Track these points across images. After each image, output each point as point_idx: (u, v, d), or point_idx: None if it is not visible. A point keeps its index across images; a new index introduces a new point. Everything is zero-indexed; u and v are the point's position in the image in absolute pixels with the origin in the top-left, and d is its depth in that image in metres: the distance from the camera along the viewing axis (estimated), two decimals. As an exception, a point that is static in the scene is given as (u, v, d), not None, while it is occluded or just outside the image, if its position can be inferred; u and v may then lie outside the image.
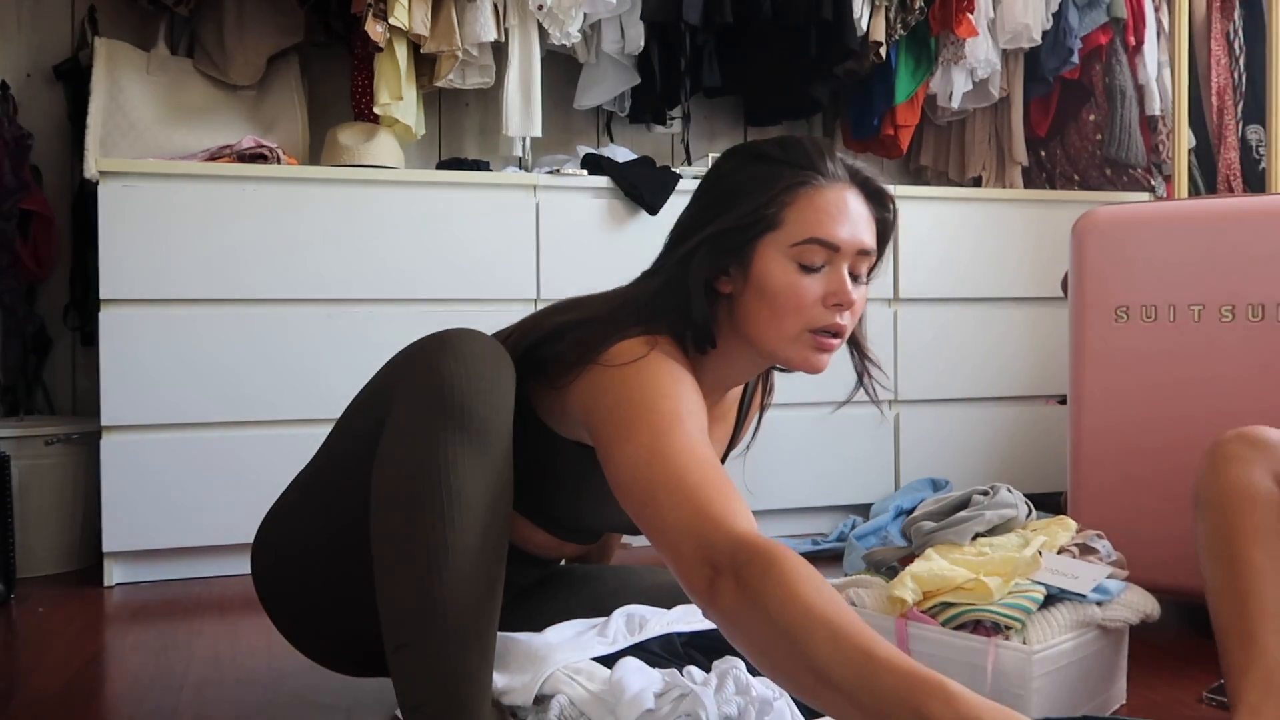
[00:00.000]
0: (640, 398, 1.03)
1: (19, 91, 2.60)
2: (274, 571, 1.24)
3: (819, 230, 1.11)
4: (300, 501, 1.23)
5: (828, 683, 0.81)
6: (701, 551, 0.90)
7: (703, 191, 1.19)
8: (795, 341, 1.14)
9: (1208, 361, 1.78)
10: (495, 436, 1.01)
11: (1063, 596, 1.33)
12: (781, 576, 0.85)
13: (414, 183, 2.40)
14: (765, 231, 1.12)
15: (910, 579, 1.34)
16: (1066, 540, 1.44)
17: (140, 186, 2.20)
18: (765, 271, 1.12)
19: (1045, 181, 3.28)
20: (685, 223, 1.19)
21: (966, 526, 1.43)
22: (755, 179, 1.13)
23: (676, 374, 1.07)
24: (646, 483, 0.97)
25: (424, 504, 0.98)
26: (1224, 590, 1.23)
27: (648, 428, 1.00)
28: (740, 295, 1.15)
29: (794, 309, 1.12)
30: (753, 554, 0.87)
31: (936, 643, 1.31)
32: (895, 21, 2.80)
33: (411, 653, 0.99)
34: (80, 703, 1.52)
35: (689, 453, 0.98)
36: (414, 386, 1.02)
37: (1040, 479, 2.79)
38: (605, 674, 1.09)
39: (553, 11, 2.55)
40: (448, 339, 1.05)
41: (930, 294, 2.76)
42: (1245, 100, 3.09)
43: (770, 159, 1.14)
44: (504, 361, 1.05)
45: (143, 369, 2.19)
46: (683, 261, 1.14)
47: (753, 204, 1.11)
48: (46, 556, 2.31)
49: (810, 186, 1.12)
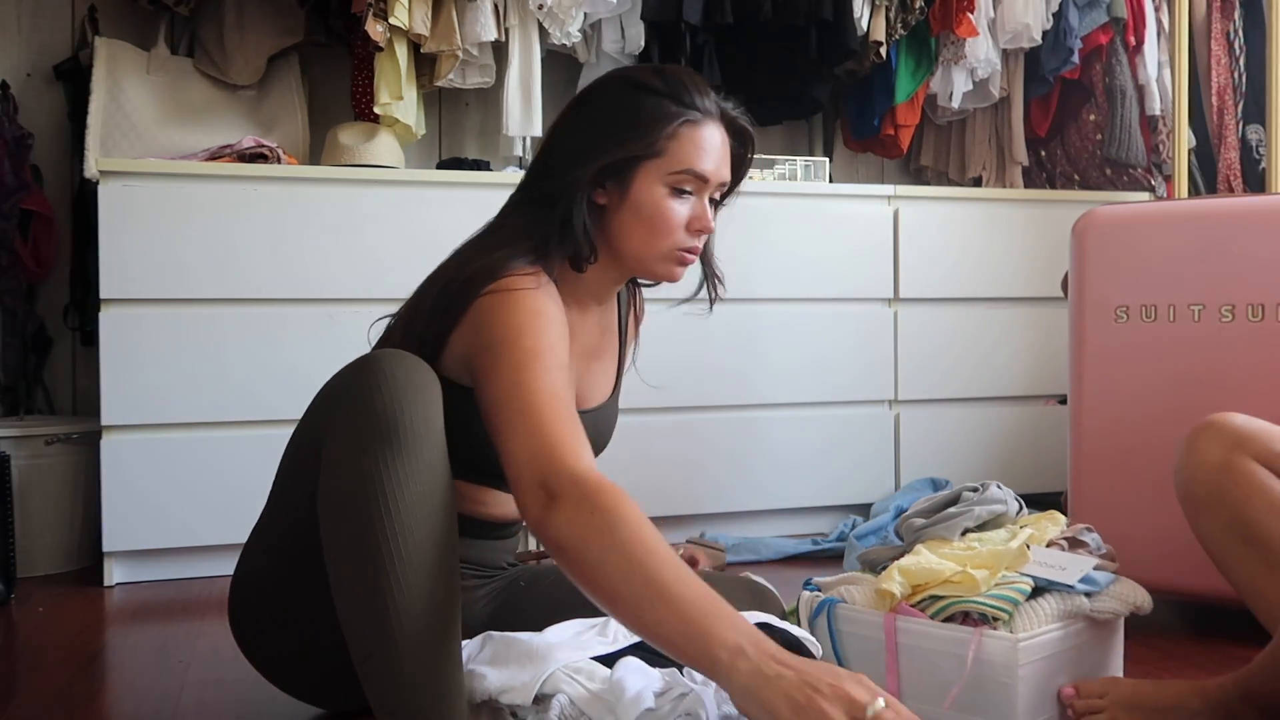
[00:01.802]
0: (505, 335, 1.13)
1: (19, 91, 2.60)
2: (251, 629, 1.29)
3: (694, 163, 1.24)
4: (261, 554, 1.26)
5: (665, 597, 0.92)
6: (541, 477, 1.01)
7: (586, 118, 1.28)
8: (663, 258, 1.28)
9: (1208, 361, 1.78)
10: (425, 440, 1.03)
11: (1051, 588, 1.34)
12: (633, 511, 0.97)
13: (414, 182, 2.40)
14: (647, 159, 1.23)
15: (898, 573, 1.34)
16: (1055, 534, 1.45)
17: (140, 186, 2.20)
18: (643, 194, 1.25)
19: (1045, 181, 3.28)
20: (569, 149, 1.26)
21: (956, 522, 1.44)
22: (644, 110, 1.23)
23: (542, 309, 1.16)
24: (503, 414, 1.08)
25: (365, 520, 1.00)
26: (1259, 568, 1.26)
27: (510, 364, 1.10)
28: (616, 210, 1.26)
29: (666, 231, 1.26)
30: (602, 487, 0.99)
31: (924, 635, 1.31)
32: (895, 21, 2.80)
33: (375, 662, 1.00)
34: (80, 703, 1.52)
35: (543, 387, 1.08)
36: (340, 415, 1.05)
37: (1040, 479, 2.79)
38: (605, 673, 1.09)
39: (553, 11, 2.55)
40: (363, 363, 1.07)
41: (930, 294, 2.76)
42: (1245, 100, 3.09)
43: (654, 91, 1.24)
44: (422, 368, 1.07)
45: (143, 369, 2.19)
46: (573, 187, 1.23)
47: (641, 134, 1.22)
48: (46, 556, 2.31)
49: (690, 123, 1.24)
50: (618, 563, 0.94)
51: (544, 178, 1.28)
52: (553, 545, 0.99)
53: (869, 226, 2.71)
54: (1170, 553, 1.68)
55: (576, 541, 0.97)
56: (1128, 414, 1.85)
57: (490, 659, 1.14)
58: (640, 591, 0.93)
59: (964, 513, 1.45)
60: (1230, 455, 1.30)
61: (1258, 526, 1.26)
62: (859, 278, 2.69)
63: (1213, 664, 1.63)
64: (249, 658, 1.31)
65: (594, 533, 0.96)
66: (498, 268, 1.19)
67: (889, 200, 2.74)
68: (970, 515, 1.45)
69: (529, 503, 1.01)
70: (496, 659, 1.13)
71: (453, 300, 1.19)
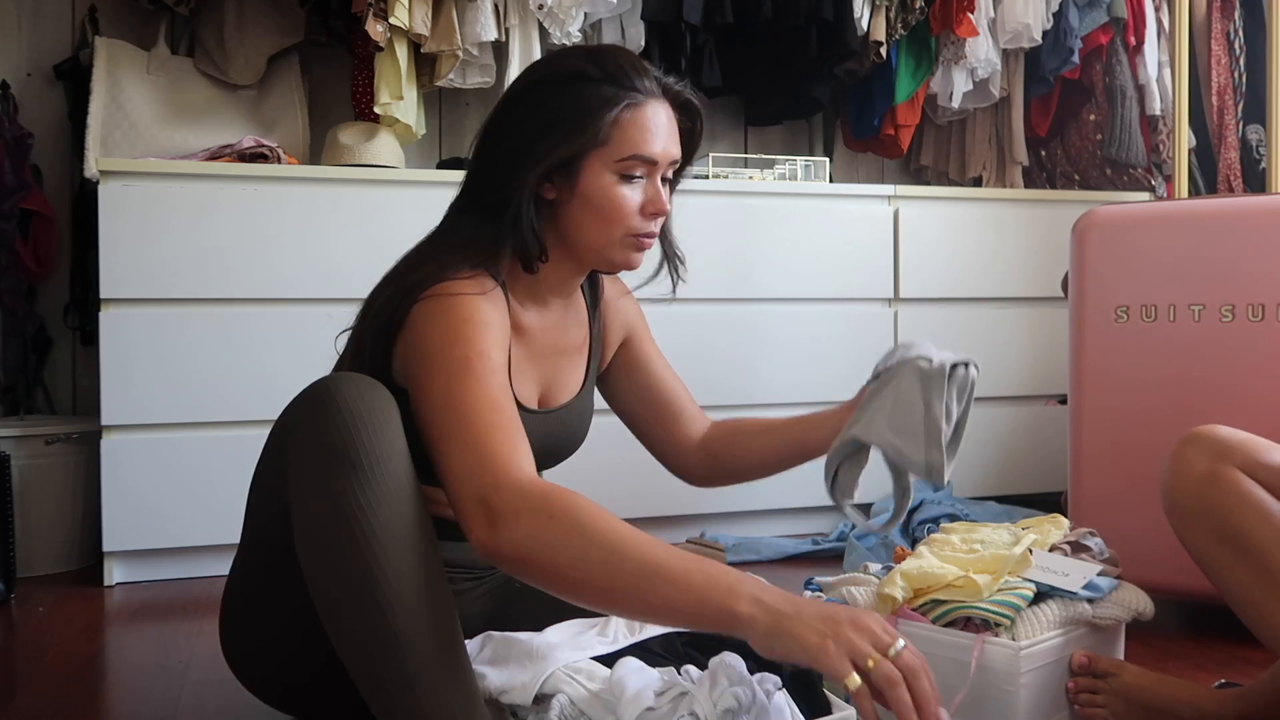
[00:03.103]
0: (436, 347, 1.10)
1: (19, 91, 2.60)
2: (246, 665, 1.29)
3: (641, 147, 1.21)
4: (244, 593, 1.25)
5: (662, 575, 0.92)
6: (480, 494, 0.99)
7: (522, 116, 1.22)
8: (618, 245, 1.25)
9: (1208, 361, 1.78)
10: (388, 460, 1.01)
11: (1053, 594, 1.33)
12: (587, 505, 0.97)
13: (414, 182, 2.40)
14: (592, 149, 1.20)
15: (900, 577, 1.34)
16: (1059, 538, 1.45)
17: (140, 186, 2.20)
18: (592, 184, 1.21)
19: (1046, 181, 3.28)
20: (509, 149, 1.22)
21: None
22: (582, 101, 1.19)
23: (472, 315, 1.13)
24: (438, 428, 1.05)
25: (346, 553, 0.98)
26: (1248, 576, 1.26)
27: (443, 376, 1.08)
28: (566, 203, 1.23)
29: (619, 218, 1.22)
30: (549, 491, 0.97)
31: (926, 640, 1.31)
32: (896, 21, 2.80)
33: (389, 690, 0.99)
34: (80, 703, 1.53)
35: (480, 398, 1.06)
36: (300, 450, 1.03)
37: (1040, 479, 2.79)
38: (605, 673, 1.09)
39: (553, 11, 2.55)
40: (314, 393, 1.05)
41: (930, 294, 2.76)
42: (1245, 100, 3.09)
43: (590, 79, 1.20)
44: (374, 388, 1.06)
45: (143, 369, 2.19)
46: (519, 190, 1.19)
47: (582, 125, 1.18)
48: (46, 556, 2.31)
49: (632, 106, 1.20)
50: (600, 558, 0.94)
51: (487, 183, 1.24)
52: (513, 561, 0.97)
53: (869, 226, 2.71)
54: (1170, 553, 1.67)
55: (544, 551, 0.95)
56: (1128, 414, 1.85)
57: (490, 659, 1.14)
58: (634, 578, 0.93)
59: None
60: (1216, 465, 1.30)
61: (1245, 536, 1.27)
62: (859, 277, 2.69)
63: (1213, 664, 1.63)
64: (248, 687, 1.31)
65: (560, 538, 0.95)
66: (435, 274, 1.17)
67: (889, 200, 2.74)
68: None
69: (472, 524, 0.99)
70: (496, 659, 1.13)
71: (394, 309, 1.17)
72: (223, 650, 1.29)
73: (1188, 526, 1.35)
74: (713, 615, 0.92)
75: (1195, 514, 1.33)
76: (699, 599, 0.92)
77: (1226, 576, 1.32)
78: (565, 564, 0.95)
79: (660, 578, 0.93)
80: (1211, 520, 1.30)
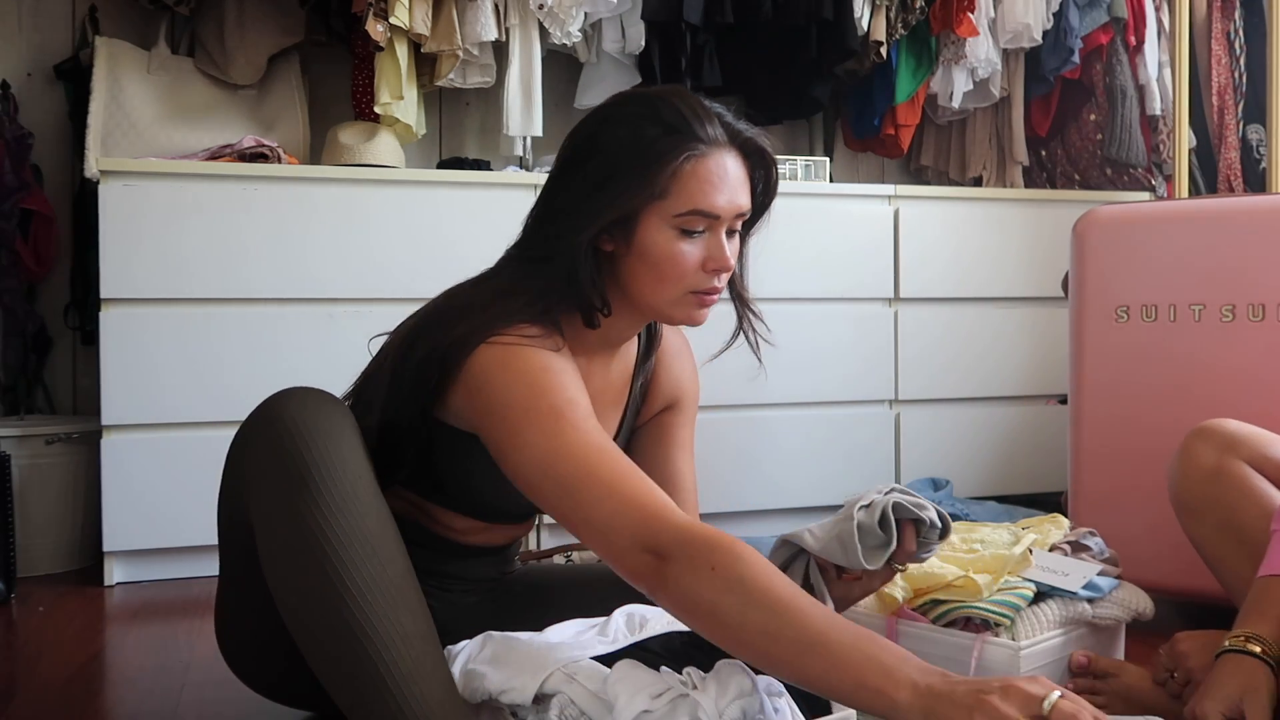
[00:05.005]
0: (517, 398, 1.08)
1: (19, 91, 2.60)
2: (239, 659, 1.30)
3: (701, 202, 1.14)
4: (230, 591, 1.26)
5: (820, 648, 0.91)
6: (641, 540, 0.99)
7: (579, 168, 1.18)
8: (678, 303, 1.20)
9: (1208, 361, 1.78)
10: (341, 473, 1.00)
11: (1053, 594, 1.33)
12: (754, 560, 0.96)
13: (415, 182, 2.40)
14: (650, 202, 1.14)
15: (900, 577, 1.34)
16: (1059, 538, 1.45)
17: (141, 186, 2.20)
18: (649, 240, 1.15)
19: (1046, 181, 3.28)
20: (564, 205, 1.18)
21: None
22: (639, 153, 1.13)
23: (549, 364, 1.10)
24: (558, 481, 1.04)
25: (304, 568, 0.98)
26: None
27: (537, 429, 1.06)
28: (624, 257, 1.18)
29: (676, 276, 1.17)
30: (712, 541, 0.96)
31: (926, 639, 1.31)
32: (896, 21, 2.80)
33: (362, 708, 0.98)
34: (80, 702, 1.52)
35: (589, 446, 1.05)
36: (253, 470, 1.04)
37: (1040, 479, 2.79)
38: (605, 673, 1.09)
39: (553, 11, 2.55)
40: (264, 413, 1.05)
41: (930, 294, 2.76)
42: (1246, 100, 3.09)
43: (649, 127, 1.14)
44: (326, 402, 1.05)
45: (143, 368, 2.19)
46: (576, 247, 1.15)
47: (639, 180, 1.13)
48: (46, 556, 2.31)
49: (692, 158, 1.14)
50: (759, 620, 0.93)
51: (543, 237, 1.20)
52: (680, 608, 0.98)
53: (869, 226, 2.71)
54: (1170, 552, 1.68)
55: (707, 604, 0.95)
56: (1128, 414, 1.85)
57: (490, 659, 1.14)
58: (792, 646, 0.92)
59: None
60: (1222, 459, 1.31)
61: (1250, 530, 1.27)
62: (859, 277, 2.69)
63: (1213, 664, 1.62)
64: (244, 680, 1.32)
65: (723, 592, 0.94)
66: (499, 322, 1.12)
67: (889, 200, 2.74)
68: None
69: (638, 570, 0.99)
70: (497, 659, 1.13)
71: (447, 354, 1.12)
72: (219, 644, 1.30)
73: (1193, 520, 1.35)
74: (868, 700, 0.90)
75: (1200, 508, 1.33)
76: (855, 680, 0.90)
77: (1231, 570, 1.32)
78: (726, 620, 0.94)
79: (817, 652, 0.91)
80: (1216, 514, 1.31)
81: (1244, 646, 1.13)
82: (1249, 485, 1.30)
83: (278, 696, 1.33)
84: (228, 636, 1.29)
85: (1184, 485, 1.36)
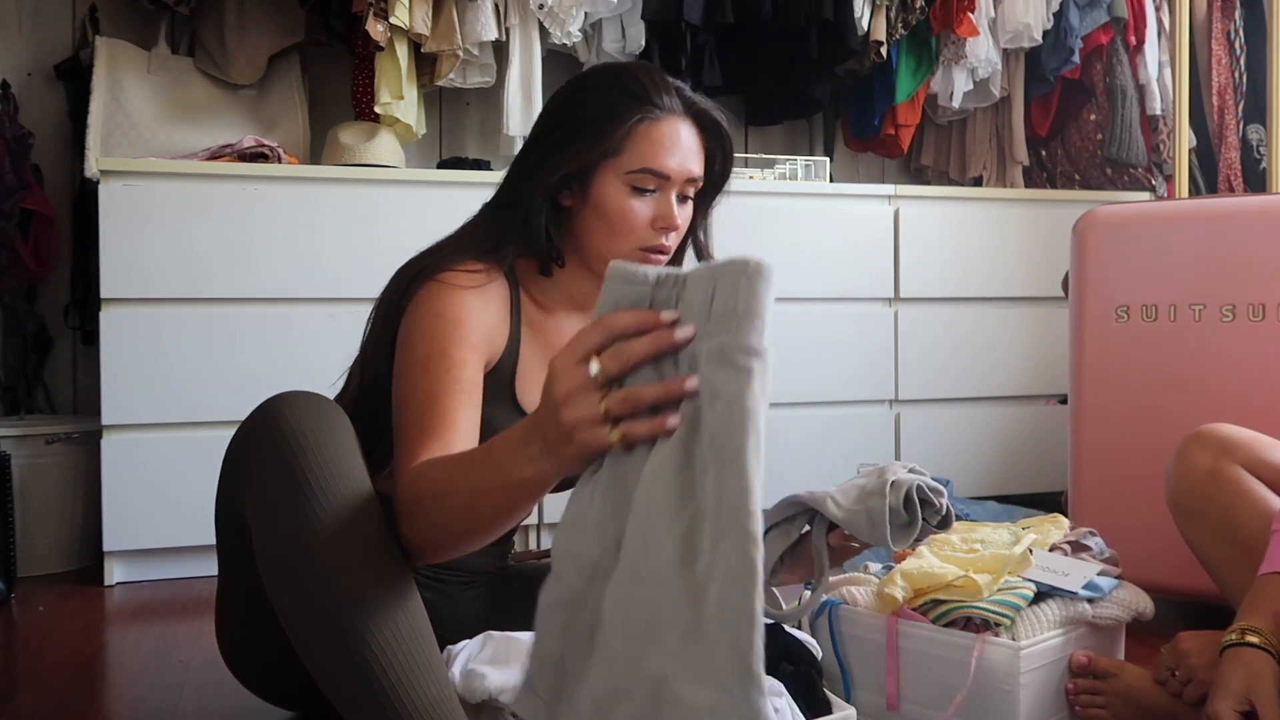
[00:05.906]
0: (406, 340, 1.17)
1: (20, 91, 2.60)
2: (239, 663, 1.31)
3: (651, 161, 1.22)
4: (228, 591, 1.28)
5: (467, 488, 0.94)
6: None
7: (546, 128, 1.28)
8: (628, 257, 1.24)
9: (1208, 361, 1.78)
10: (335, 476, 1.01)
11: (1053, 593, 1.33)
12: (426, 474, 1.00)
13: (414, 182, 2.40)
14: (605, 159, 1.23)
15: (900, 576, 1.34)
16: (1059, 538, 1.45)
17: (141, 186, 2.20)
18: (603, 194, 1.24)
19: (1046, 181, 3.28)
20: (530, 157, 1.28)
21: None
22: (600, 113, 1.22)
23: (444, 310, 1.17)
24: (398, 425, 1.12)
25: (297, 572, 0.99)
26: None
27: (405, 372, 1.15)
28: (579, 211, 1.26)
29: (626, 230, 1.24)
30: (406, 482, 1.02)
31: (926, 639, 1.31)
32: (896, 21, 2.80)
33: (356, 712, 0.99)
34: (80, 702, 1.53)
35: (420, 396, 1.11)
36: (250, 474, 1.05)
37: (1040, 479, 2.79)
38: (605, 673, 1.09)
39: (554, 11, 2.55)
40: (259, 414, 1.08)
41: (930, 294, 2.76)
42: (1246, 100, 3.09)
43: (612, 93, 1.23)
44: (317, 404, 1.07)
45: (143, 368, 2.19)
46: (533, 191, 1.24)
47: (596, 135, 1.22)
48: (47, 556, 2.31)
49: (646, 120, 1.22)
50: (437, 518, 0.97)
51: (509, 186, 1.30)
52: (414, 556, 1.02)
53: (869, 226, 2.71)
54: (1170, 552, 1.68)
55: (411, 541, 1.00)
56: (1128, 413, 1.85)
57: (490, 659, 1.14)
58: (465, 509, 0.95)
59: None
60: (1219, 463, 1.31)
61: (1247, 532, 1.27)
62: (859, 277, 2.69)
63: (1213, 664, 1.62)
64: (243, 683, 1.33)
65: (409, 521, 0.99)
66: (439, 261, 1.22)
67: (889, 200, 2.74)
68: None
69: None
70: (497, 659, 1.13)
71: (400, 293, 1.22)
72: (218, 645, 1.31)
73: (1190, 523, 1.35)
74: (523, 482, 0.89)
75: (1197, 511, 1.33)
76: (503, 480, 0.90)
77: (1228, 574, 1.32)
78: (442, 538, 0.98)
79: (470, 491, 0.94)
80: (1213, 518, 1.31)
81: (1242, 639, 1.13)
82: (1245, 489, 1.31)
83: (270, 696, 1.33)
84: (224, 635, 1.30)
85: (1180, 489, 1.37)
